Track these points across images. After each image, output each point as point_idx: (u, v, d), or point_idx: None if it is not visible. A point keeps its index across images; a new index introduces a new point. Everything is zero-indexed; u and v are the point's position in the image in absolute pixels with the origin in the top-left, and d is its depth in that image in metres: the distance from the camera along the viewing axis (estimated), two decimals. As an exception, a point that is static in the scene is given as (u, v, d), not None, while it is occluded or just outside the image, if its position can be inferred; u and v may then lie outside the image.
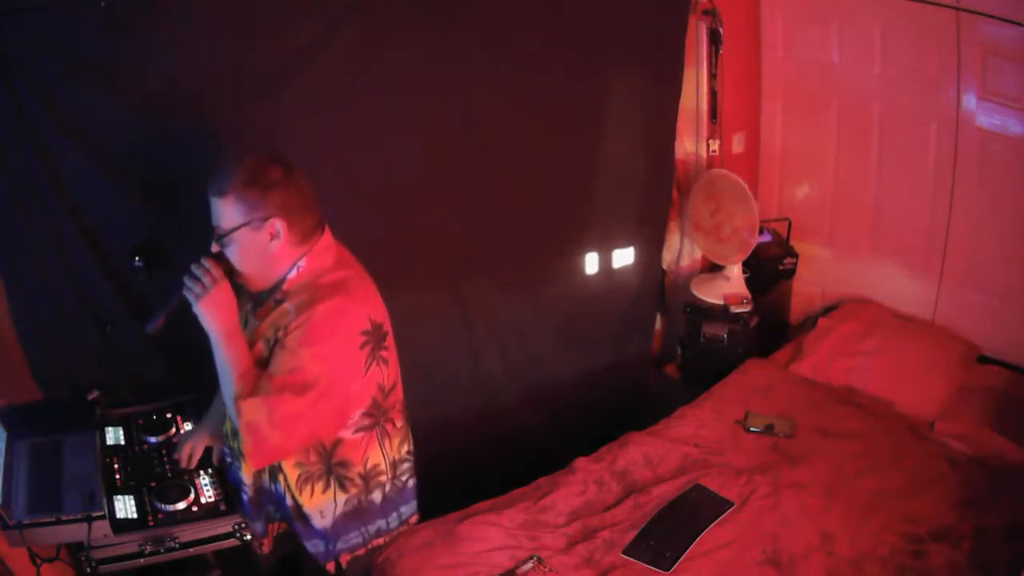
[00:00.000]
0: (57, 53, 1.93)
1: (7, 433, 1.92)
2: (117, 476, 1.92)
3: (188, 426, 2.12)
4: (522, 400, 3.03)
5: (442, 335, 2.78)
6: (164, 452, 2.04)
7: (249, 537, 1.90)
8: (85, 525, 1.72)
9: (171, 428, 2.11)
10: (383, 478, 1.94)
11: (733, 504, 2.30)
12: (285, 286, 1.75)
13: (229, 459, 1.98)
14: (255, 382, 1.69)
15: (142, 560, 1.81)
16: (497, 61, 2.57)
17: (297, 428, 1.71)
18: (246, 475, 1.89)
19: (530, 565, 2.08)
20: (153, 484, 1.92)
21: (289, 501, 1.89)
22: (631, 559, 2.11)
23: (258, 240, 1.69)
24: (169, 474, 1.96)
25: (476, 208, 2.70)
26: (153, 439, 2.07)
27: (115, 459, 1.97)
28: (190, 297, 1.69)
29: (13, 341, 2.14)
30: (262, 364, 1.74)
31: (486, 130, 2.63)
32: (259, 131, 2.20)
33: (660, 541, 2.16)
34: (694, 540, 2.16)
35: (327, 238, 1.79)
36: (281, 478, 1.86)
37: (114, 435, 2.06)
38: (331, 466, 1.86)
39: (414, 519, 2.10)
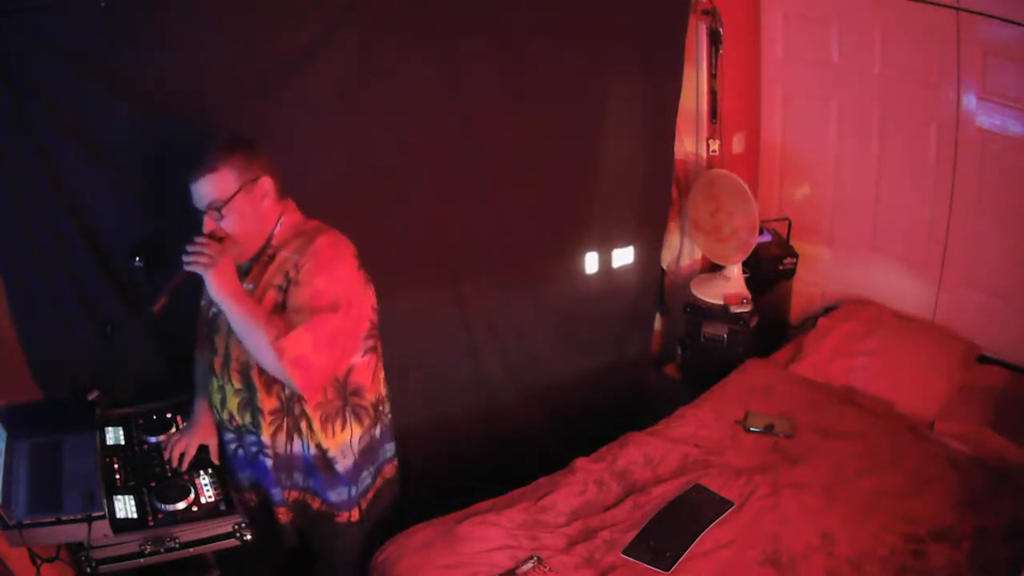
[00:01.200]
0: (57, 53, 1.93)
1: (7, 433, 1.92)
2: (117, 476, 1.92)
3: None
4: (522, 400, 3.03)
5: (442, 335, 2.78)
6: (164, 452, 2.03)
7: (248, 537, 1.89)
8: (85, 525, 1.71)
9: (171, 428, 2.10)
10: (384, 408, 2.10)
11: (733, 504, 2.30)
12: (274, 241, 1.90)
13: (234, 444, 2.01)
14: (283, 322, 1.78)
15: (142, 560, 1.81)
16: (497, 61, 2.57)
17: (337, 344, 1.85)
18: (267, 437, 1.94)
19: (530, 565, 2.08)
20: (153, 484, 1.91)
21: (313, 451, 1.97)
22: (631, 559, 2.11)
23: (252, 201, 1.84)
24: (169, 474, 1.95)
25: (476, 208, 2.70)
26: (153, 439, 2.07)
27: (115, 459, 1.97)
28: (198, 268, 1.77)
29: (13, 341, 2.14)
30: (276, 311, 1.83)
31: (486, 130, 2.63)
32: (259, 131, 2.19)
33: (660, 541, 2.16)
34: (694, 540, 2.16)
35: (292, 203, 1.94)
36: (304, 426, 1.94)
37: (114, 435, 2.06)
38: (347, 397, 1.97)
39: (394, 462, 2.21)
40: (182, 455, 1.98)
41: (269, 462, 1.98)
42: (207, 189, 1.80)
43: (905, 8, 2.83)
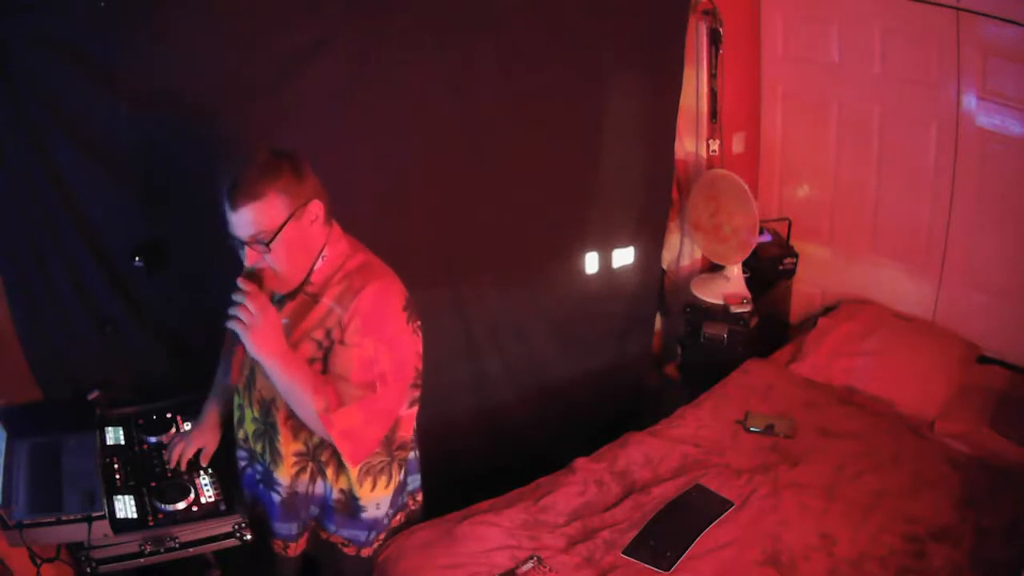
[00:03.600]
0: (57, 53, 1.93)
1: (7, 433, 1.92)
2: (117, 476, 1.92)
3: (188, 426, 2.12)
4: (522, 400, 3.03)
5: (442, 335, 2.77)
6: (164, 452, 2.03)
7: (249, 537, 1.89)
8: (85, 525, 1.71)
9: (171, 428, 2.10)
10: (414, 445, 2.02)
11: (733, 504, 2.30)
12: (313, 277, 1.74)
13: (244, 463, 1.97)
14: (335, 392, 1.67)
15: (142, 560, 1.81)
16: (497, 61, 2.57)
17: (389, 417, 1.78)
18: (283, 477, 1.87)
19: (530, 565, 2.08)
20: (153, 484, 1.91)
21: (336, 495, 1.90)
22: (631, 559, 2.11)
23: (302, 228, 1.66)
24: (169, 474, 1.95)
25: (476, 208, 2.70)
26: (153, 439, 2.06)
27: (115, 459, 1.97)
28: (236, 328, 1.61)
29: (13, 341, 2.14)
30: (314, 361, 1.74)
31: (486, 130, 2.63)
32: (259, 131, 2.20)
33: (660, 541, 2.16)
34: (694, 540, 2.16)
35: (338, 228, 1.80)
36: (330, 472, 1.87)
37: (114, 435, 2.06)
38: (392, 452, 1.90)
39: (419, 493, 2.13)
40: (180, 456, 1.97)
41: (278, 498, 1.91)
42: (251, 218, 1.60)
43: (905, 8, 2.83)
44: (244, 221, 1.61)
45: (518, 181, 2.75)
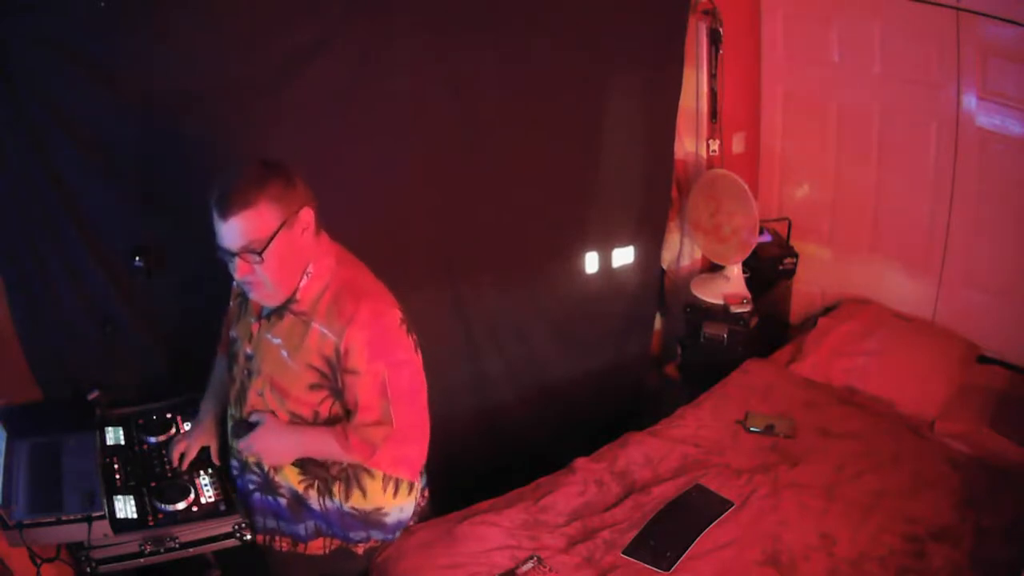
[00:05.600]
0: (57, 53, 1.93)
1: (7, 433, 1.92)
2: (117, 476, 1.91)
3: (188, 426, 2.11)
4: (522, 400, 3.03)
5: (442, 335, 2.78)
6: (164, 452, 2.03)
7: (249, 537, 1.89)
8: (85, 525, 1.71)
9: (171, 428, 2.10)
10: None
11: (733, 504, 2.30)
12: (299, 295, 1.72)
13: (237, 472, 1.95)
14: (361, 442, 1.75)
15: (142, 560, 1.81)
16: (497, 61, 2.57)
17: (422, 430, 1.83)
18: (285, 480, 1.86)
19: (530, 565, 2.08)
20: (153, 484, 1.91)
21: (348, 510, 1.90)
22: (631, 559, 2.11)
23: (293, 237, 1.63)
24: (169, 474, 1.95)
25: (476, 208, 2.70)
26: (153, 439, 2.06)
27: (115, 459, 1.97)
28: (243, 450, 1.79)
29: (13, 341, 2.14)
30: (317, 388, 1.76)
31: (486, 130, 2.63)
32: (259, 131, 2.20)
33: (660, 541, 2.16)
34: (694, 540, 2.16)
35: (326, 239, 1.77)
36: (337, 492, 1.87)
37: (114, 435, 2.06)
38: None
39: (425, 491, 2.15)
40: (182, 456, 1.97)
41: (284, 501, 1.89)
42: (242, 228, 1.57)
43: (905, 8, 2.83)
44: (235, 231, 1.58)
45: (518, 181, 2.75)
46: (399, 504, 1.95)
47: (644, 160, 3.06)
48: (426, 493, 2.13)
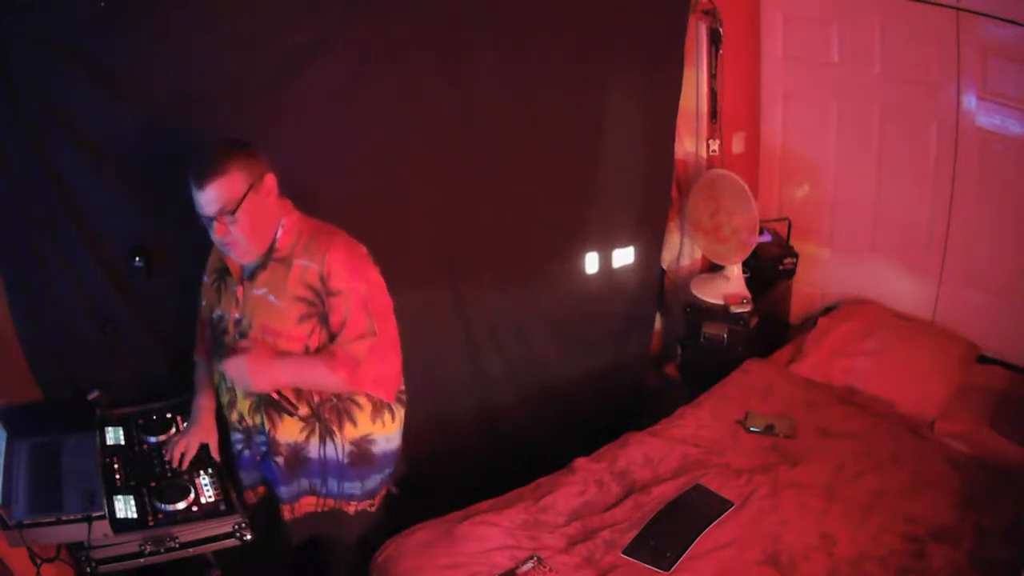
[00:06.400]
0: (57, 53, 1.93)
1: (7, 433, 1.92)
2: (117, 476, 1.91)
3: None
4: (522, 400, 3.03)
5: (442, 335, 2.78)
6: (164, 452, 2.03)
7: (248, 537, 1.89)
8: (85, 525, 1.71)
9: (171, 428, 2.10)
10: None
11: (733, 504, 2.30)
12: (278, 244, 1.89)
13: (241, 445, 2.01)
14: (346, 356, 1.85)
15: (142, 560, 1.81)
16: (497, 61, 2.57)
17: (397, 346, 1.96)
18: (287, 437, 1.96)
19: (530, 565, 2.08)
20: (153, 484, 1.91)
21: (349, 449, 2.00)
22: (631, 559, 2.11)
23: (260, 199, 1.83)
24: (169, 474, 1.95)
25: (476, 208, 2.70)
26: (153, 439, 2.06)
27: (115, 459, 1.97)
28: (232, 376, 1.87)
29: (13, 341, 2.14)
30: (306, 318, 1.88)
31: (486, 130, 2.63)
32: (259, 131, 2.19)
33: (660, 541, 2.16)
34: (694, 540, 2.16)
35: (288, 201, 1.93)
36: (337, 429, 1.97)
37: (114, 435, 2.06)
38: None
39: None
40: (183, 455, 1.98)
41: (281, 460, 1.99)
42: (217, 193, 1.78)
43: (905, 8, 2.83)
44: (211, 198, 1.78)
45: (518, 181, 2.75)
46: (386, 433, 2.04)
47: (644, 160, 3.06)
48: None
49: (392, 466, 2.11)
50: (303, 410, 1.94)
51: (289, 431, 1.96)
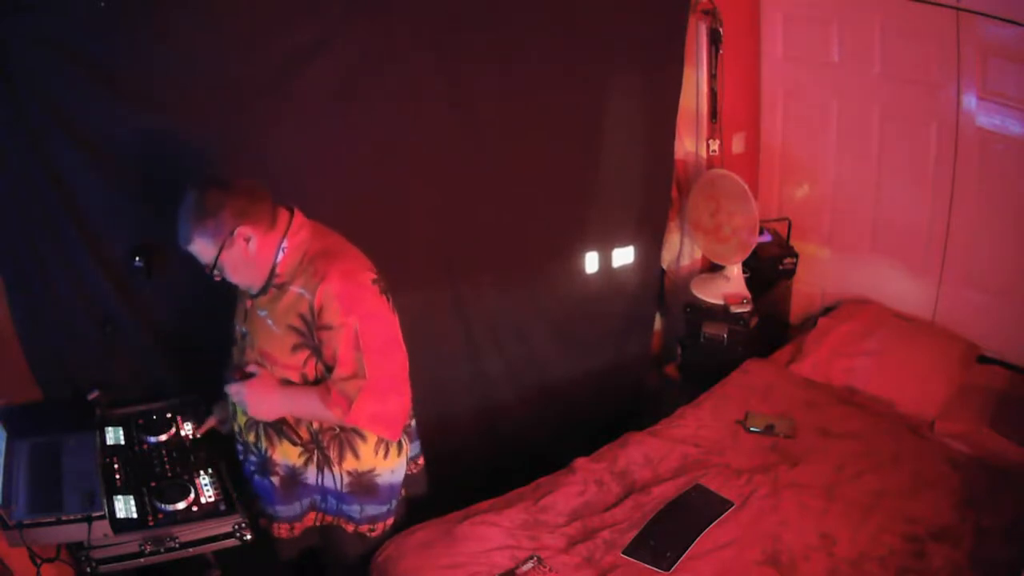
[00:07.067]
0: (57, 53, 1.93)
1: (7, 433, 1.92)
2: (117, 476, 1.92)
3: (188, 426, 2.12)
4: (522, 400, 3.03)
5: (442, 335, 2.78)
6: (164, 452, 2.04)
7: (249, 537, 1.89)
8: (85, 525, 1.71)
9: (171, 428, 2.11)
10: (413, 419, 2.14)
11: (733, 504, 2.30)
12: (278, 270, 1.84)
13: (241, 457, 2.01)
14: (339, 395, 1.81)
15: (142, 560, 1.81)
16: (497, 61, 2.57)
17: (400, 380, 1.89)
18: (282, 458, 1.94)
19: (530, 565, 2.08)
20: (153, 484, 1.91)
21: (347, 480, 1.96)
22: (631, 559, 2.11)
23: (237, 253, 1.79)
24: (169, 474, 1.95)
25: (476, 208, 2.70)
26: (153, 439, 2.07)
27: (115, 459, 1.97)
28: (237, 401, 1.88)
29: (13, 341, 2.14)
30: (298, 348, 1.85)
31: (486, 130, 2.63)
32: (259, 131, 2.20)
33: (660, 541, 2.16)
34: (694, 540, 2.16)
35: (299, 216, 1.88)
36: (335, 458, 1.94)
37: (114, 435, 2.06)
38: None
39: (420, 459, 2.27)
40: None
41: (277, 480, 1.97)
42: (195, 254, 1.81)
43: (905, 8, 2.83)
44: (194, 255, 1.81)
45: (518, 181, 2.75)
46: (390, 466, 2.00)
47: (644, 160, 3.06)
48: (420, 461, 2.21)
49: (398, 497, 2.09)
50: (304, 436, 1.92)
51: (287, 453, 1.95)
